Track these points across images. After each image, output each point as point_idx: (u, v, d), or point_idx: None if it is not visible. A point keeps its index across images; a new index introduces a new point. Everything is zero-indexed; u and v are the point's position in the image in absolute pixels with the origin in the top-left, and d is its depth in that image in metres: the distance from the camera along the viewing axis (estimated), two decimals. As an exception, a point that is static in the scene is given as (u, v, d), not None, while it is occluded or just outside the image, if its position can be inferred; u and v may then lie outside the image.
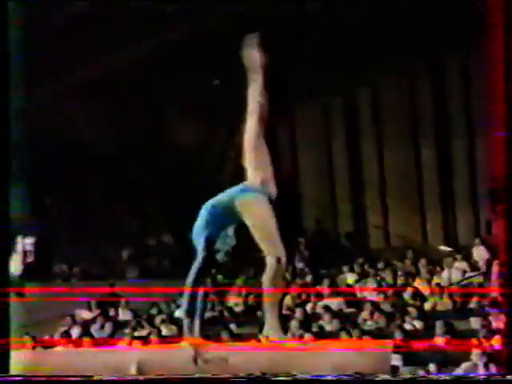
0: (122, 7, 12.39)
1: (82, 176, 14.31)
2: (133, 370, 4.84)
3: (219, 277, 13.15)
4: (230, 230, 5.16)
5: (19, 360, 5.15)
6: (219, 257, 5.06)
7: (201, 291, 5.01)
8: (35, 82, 13.42)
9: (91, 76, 13.98)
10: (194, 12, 13.09)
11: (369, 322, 10.93)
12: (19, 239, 13.94)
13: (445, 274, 12.14)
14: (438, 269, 12.36)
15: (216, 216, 5.14)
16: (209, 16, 13.33)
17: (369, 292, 12.01)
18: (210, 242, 5.08)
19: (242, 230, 5.29)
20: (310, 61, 13.47)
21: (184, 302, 5.01)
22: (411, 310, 10.99)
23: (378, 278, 12.44)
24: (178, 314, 12.18)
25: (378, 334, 10.10)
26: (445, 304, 11.23)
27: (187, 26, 13.56)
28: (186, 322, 5.01)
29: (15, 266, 13.81)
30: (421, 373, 9.06)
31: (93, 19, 12.91)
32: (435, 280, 11.97)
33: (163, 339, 10.69)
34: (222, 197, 5.19)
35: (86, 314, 12.51)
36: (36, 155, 14.34)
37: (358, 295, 12.13)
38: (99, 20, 12.91)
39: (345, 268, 13.07)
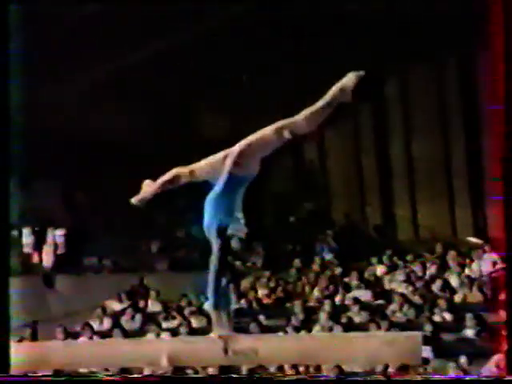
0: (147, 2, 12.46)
1: (112, 170, 14.40)
2: (163, 362, 4.87)
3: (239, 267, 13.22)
4: (239, 214, 5.16)
5: (52, 351, 5.21)
6: (234, 244, 5.06)
7: (224, 282, 5.03)
8: (60, 80, 13.56)
9: (117, 73, 14.06)
10: (220, 5, 13.13)
11: (398, 314, 10.90)
12: (50, 231, 14.07)
13: (475, 265, 12.07)
14: (467, 261, 12.29)
15: (219, 205, 5.16)
16: (235, 11, 13.37)
17: (398, 284, 11.98)
18: (221, 230, 5.10)
19: (252, 215, 5.30)
20: (335, 54, 13.45)
21: (210, 294, 5.04)
22: (441, 302, 10.94)
23: (407, 270, 12.40)
24: (207, 306, 12.24)
25: (408, 326, 10.08)
26: (475, 296, 11.17)
27: (215, 20, 13.59)
28: (214, 315, 5.03)
29: (46, 257, 13.95)
30: (451, 365, 9.02)
31: (108, 17, 13.01)
32: (465, 272, 11.91)
33: (193, 331, 10.75)
34: (217, 187, 5.22)
35: (116, 306, 12.61)
36: (67, 149, 14.48)
37: (387, 287, 12.11)
38: (117, 17, 13.00)
39: (373, 260, 13.05)
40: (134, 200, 5.52)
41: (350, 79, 5.10)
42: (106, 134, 14.43)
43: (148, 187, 5.48)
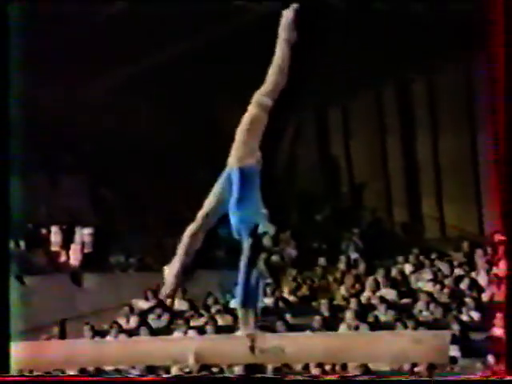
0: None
1: (139, 167, 14.47)
2: (190, 360, 4.88)
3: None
4: (264, 210, 5.12)
5: (79, 350, 5.24)
6: (265, 242, 5.05)
7: (253, 281, 5.03)
8: (87, 79, 13.64)
9: (143, 72, 14.13)
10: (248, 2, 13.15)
11: (425, 313, 10.85)
12: (78, 230, 14.16)
13: (502, 264, 11.97)
14: (494, 259, 12.20)
15: (243, 206, 5.11)
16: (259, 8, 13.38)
17: (424, 282, 11.92)
18: (253, 229, 5.06)
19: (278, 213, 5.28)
20: (361, 48, 13.41)
21: (238, 292, 5.04)
22: (468, 300, 10.87)
23: (434, 268, 12.33)
24: (234, 304, 12.26)
25: (434, 325, 10.02)
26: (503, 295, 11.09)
27: (240, 17, 13.61)
28: (241, 313, 5.04)
29: (74, 256, 14.04)
30: (478, 365, 8.97)
31: (133, 17, 13.09)
32: (493, 270, 11.83)
33: (219, 329, 10.77)
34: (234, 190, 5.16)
35: (143, 304, 12.66)
36: (94, 147, 14.57)
37: (414, 286, 12.05)
38: (142, 17, 13.07)
39: (400, 258, 12.99)
40: (163, 297, 5.40)
41: (286, 15, 5.12)
42: (133, 132, 14.51)
43: (170, 275, 5.27)
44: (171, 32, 13.41)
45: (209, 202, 5.22)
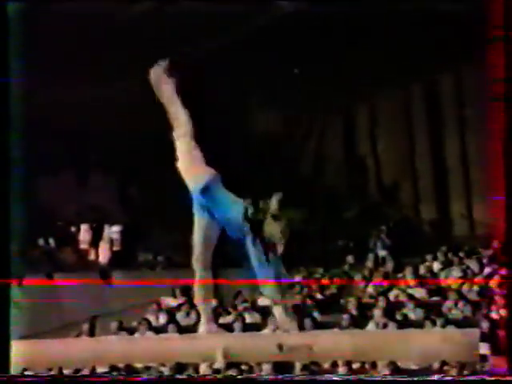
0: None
1: (166, 166, 14.53)
2: (219, 358, 4.88)
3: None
4: (242, 200, 5.09)
5: (108, 347, 5.27)
6: (275, 237, 5.05)
7: (273, 274, 5.04)
8: (112, 79, 13.71)
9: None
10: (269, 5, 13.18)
11: (454, 311, 10.79)
12: (106, 228, 14.26)
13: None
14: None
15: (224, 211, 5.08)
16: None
17: (453, 280, 11.85)
18: (245, 212, 5.03)
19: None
20: (387, 48, 13.37)
21: (265, 290, 5.06)
22: (498, 298, 10.79)
23: (463, 266, 12.25)
24: (262, 302, 12.28)
25: (464, 323, 9.97)
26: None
27: (269, 16, 13.61)
28: (277, 309, 5.04)
29: (103, 254, 14.14)
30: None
31: (159, 16, 13.14)
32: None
33: (247, 326, 10.79)
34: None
35: (171, 302, 12.71)
36: (123, 145, 14.65)
37: (443, 284, 11.99)
38: (168, 16, 13.12)
39: (428, 256, 12.92)
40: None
41: (155, 71, 5.06)
42: (160, 131, 14.56)
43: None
44: (195, 33, 13.46)
45: (197, 231, 5.21)
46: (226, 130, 14.95)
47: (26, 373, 8.02)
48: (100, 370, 8.74)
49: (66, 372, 8.25)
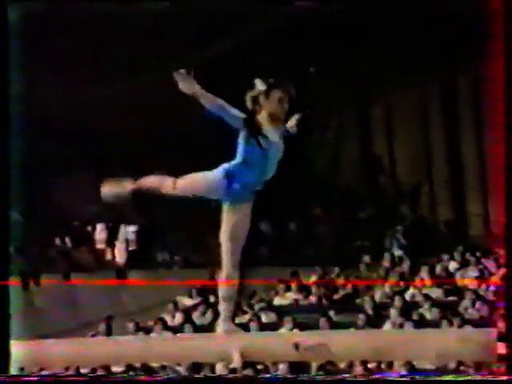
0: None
1: (184, 166, 14.57)
2: (235, 357, 4.89)
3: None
4: None
5: (125, 346, 5.29)
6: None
7: None
8: (137, 77, 13.75)
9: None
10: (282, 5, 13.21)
11: (470, 311, 10.75)
12: (122, 227, 14.30)
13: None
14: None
15: None
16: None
17: (470, 280, 11.80)
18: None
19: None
20: (404, 47, 13.34)
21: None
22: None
23: (480, 266, 12.20)
24: (277, 301, 12.29)
25: (480, 323, 9.93)
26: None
27: (278, 18, 13.63)
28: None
29: (119, 253, 14.19)
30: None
31: (173, 17, 13.18)
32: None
33: (263, 326, 10.79)
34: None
35: (187, 301, 12.75)
36: (139, 145, 14.69)
37: (459, 283, 11.94)
38: (180, 17, 13.16)
39: (444, 256, 12.88)
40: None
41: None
42: (176, 131, 14.60)
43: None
44: (208, 34, 13.49)
45: (226, 228, 5.13)
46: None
47: (42, 372, 8.06)
48: (116, 369, 8.78)
49: (83, 371, 8.29)
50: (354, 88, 15.33)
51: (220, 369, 8.90)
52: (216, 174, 5.07)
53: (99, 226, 14.47)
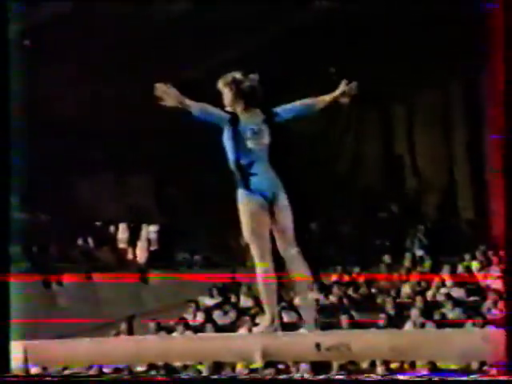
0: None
1: (204, 164, 14.60)
2: (257, 357, 4.89)
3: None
4: None
5: (146, 345, 5.30)
6: None
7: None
8: (159, 78, 13.78)
9: (208, 69, 14.24)
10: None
11: (493, 311, 10.68)
12: (144, 227, 14.36)
13: None
14: None
15: None
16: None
17: (493, 280, 11.73)
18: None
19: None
20: (426, 48, 13.28)
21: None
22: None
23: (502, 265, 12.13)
24: (298, 301, 12.25)
25: (503, 323, 9.85)
26: None
27: (304, 14, 13.61)
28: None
29: (140, 253, 14.24)
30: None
31: (197, 16, 13.21)
32: None
33: (283, 326, 10.76)
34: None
35: (208, 301, 12.77)
36: (161, 146, 14.73)
37: (482, 283, 11.87)
38: (205, 17, 13.19)
39: (466, 255, 12.80)
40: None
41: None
42: (199, 132, 14.62)
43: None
44: (232, 33, 13.50)
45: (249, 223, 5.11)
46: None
47: (65, 372, 8.10)
48: (139, 368, 8.82)
49: (105, 371, 8.32)
50: (374, 88, 15.26)
51: (241, 368, 8.92)
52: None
53: (121, 226, 14.53)
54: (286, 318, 11.35)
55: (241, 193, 5.08)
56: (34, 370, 6.23)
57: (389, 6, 12.36)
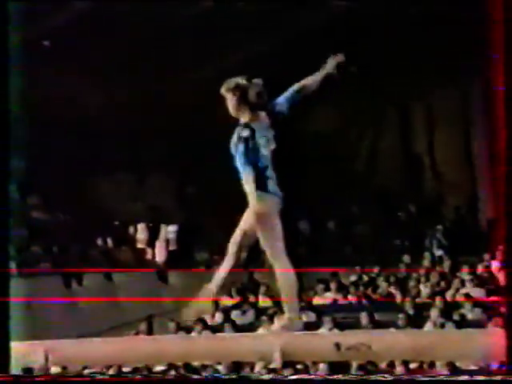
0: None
1: (223, 163, 14.63)
2: (276, 357, 4.89)
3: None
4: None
5: (167, 345, 5.33)
6: None
7: None
8: (179, 77, 13.83)
9: (229, 68, 14.25)
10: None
11: (513, 311, 10.61)
12: (162, 227, 14.40)
13: None
14: None
15: None
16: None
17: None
18: None
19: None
20: (445, 45, 13.24)
21: None
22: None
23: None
24: (317, 301, 12.27)
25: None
26: None
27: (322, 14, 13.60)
28: None
29: (159, 253, 14.29)
30: None
31: (220, 15, 13.24)
32: None
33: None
34: None
35: (226, 301, 12.78)
36: (180, 145, 14.77)
37: (502, 283, 11.81)
38: (229, 15, 13.21)
39: (486, 256, 12.75)
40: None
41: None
42: (219, 131, 14.65)
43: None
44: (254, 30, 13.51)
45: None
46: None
47: (85, 371, 8.13)
48: (158, 368, 8.84)
49: (125, 370, 8.35)
50: (393, 87, 15.24)
51: (259, 368, 8.92)
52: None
53: (140, 226, 14.59)
54: (304, 318, 11.34)
55: (259, 194, 5.08)
56: (54, 370, 6.26)
57: (409, 4, 12.33)
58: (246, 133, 5.00)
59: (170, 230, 14.48)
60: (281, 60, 14.07)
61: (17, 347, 4.97)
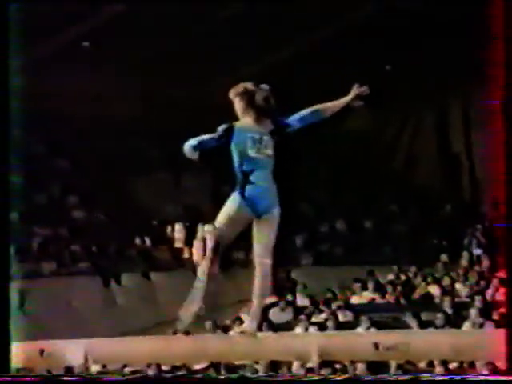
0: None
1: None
2: (313, 356, 4.89)
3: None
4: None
5: (207, 345, 5.35)
6: None
7: None
8: (215, 77, 13.90)
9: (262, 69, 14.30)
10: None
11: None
12: (199, 227, 14.45)
13: None
14: None
15: None
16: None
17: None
18: None
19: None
20: (481, 43, 13.11)
21: None
22: None
23: None
24: (354, 300, 12.23)
25: None
26: None
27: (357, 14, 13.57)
28: None
29: (196, 252, 14.33)
30: None
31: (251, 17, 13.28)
32: None
33: (339, 325, 10.75)
34: None
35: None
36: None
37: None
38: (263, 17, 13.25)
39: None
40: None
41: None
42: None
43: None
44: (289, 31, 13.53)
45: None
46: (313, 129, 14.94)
47: (126, 369, 8.19)
48: (198, 367, 8.89)
49: (164, 368, 8.39)
50: (430, 86, 15.14)
51: (297, 368, 8.91)
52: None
53: (177, 226, 14.66)
54: (341, 318, 11.31)
55: (234, 195, 5.11)
56: (94, 368, 6.33)
57: (450, 4, 12.26)
58: (221, 128, 5.10)
59: (206, 230, 14.52)
60: (319, 59, 14.07)
61: (55, 345, 5.03)
